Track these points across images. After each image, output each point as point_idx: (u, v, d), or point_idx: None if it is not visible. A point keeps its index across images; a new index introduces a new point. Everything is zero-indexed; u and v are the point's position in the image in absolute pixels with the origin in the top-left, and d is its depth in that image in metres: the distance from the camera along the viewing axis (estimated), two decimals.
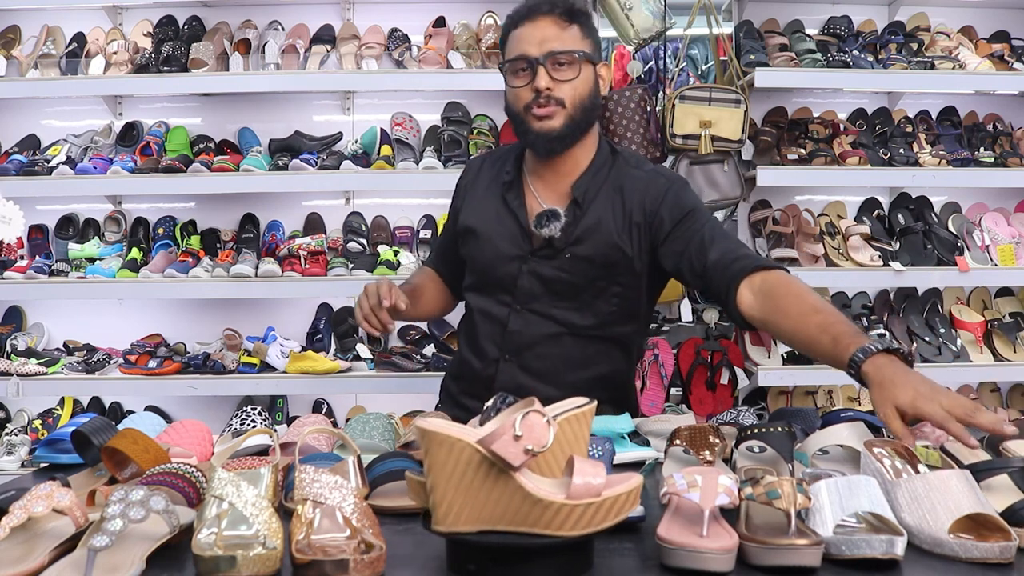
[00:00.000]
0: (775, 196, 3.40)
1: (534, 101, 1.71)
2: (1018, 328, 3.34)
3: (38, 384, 3.06)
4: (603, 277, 1.78)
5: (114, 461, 1.42)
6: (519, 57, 1.71)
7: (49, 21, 3.36)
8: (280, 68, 3.14)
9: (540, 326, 1.79)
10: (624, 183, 1.79)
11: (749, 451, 1.42)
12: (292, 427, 1.74)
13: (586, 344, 1.81)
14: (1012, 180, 3.29)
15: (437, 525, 1.03)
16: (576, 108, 1.72)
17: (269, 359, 3.07)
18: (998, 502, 1.19)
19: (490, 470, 1.01)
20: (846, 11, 3.46)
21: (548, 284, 1.78)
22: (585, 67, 1.73)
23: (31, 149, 3.29)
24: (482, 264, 1.85)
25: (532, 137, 1.75)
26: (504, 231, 1.81)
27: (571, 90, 1.71)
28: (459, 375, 1.94)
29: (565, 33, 1.72)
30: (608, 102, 3.17)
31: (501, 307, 1.82)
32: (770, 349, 3.20)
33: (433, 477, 1.03)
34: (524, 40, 1.72)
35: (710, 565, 1.03)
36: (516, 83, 1.73)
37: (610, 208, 1.78)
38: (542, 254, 1.78)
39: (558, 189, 1.81)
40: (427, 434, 1.03)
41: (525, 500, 1.01)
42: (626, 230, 1.77)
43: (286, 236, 3.31)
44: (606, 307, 1.80)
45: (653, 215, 1.76)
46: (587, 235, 1.76)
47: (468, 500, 1.02)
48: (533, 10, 1.73)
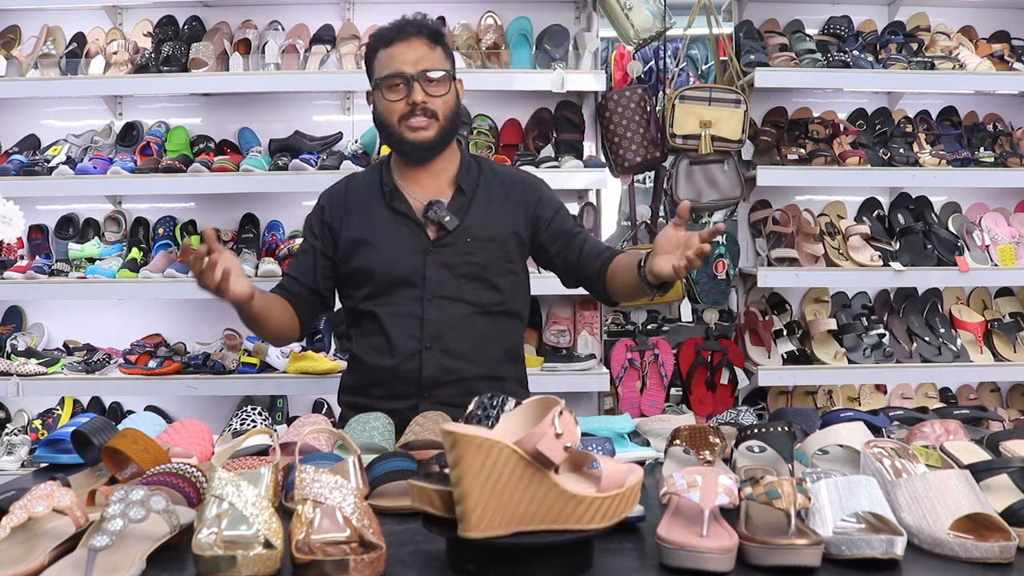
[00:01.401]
0: (775, 196, 3.40)
1: (410, 114, 1.90)
2: (1018, 328, 3.34)
3: (38, 384, 3.06)
4: (502, 256, 1.98)
5: (114, 461, 1.42)
6: (396, 74, 1.89)
7: (49, 21, 3.36)
8: (280, 68, 3.14)
9: (454, 310, 1.94)
10: (500, 178, 2.04)
11: (749, 451, 1.42)
12: (292, 427, 1.74)
13: (494, 320, 1.98)
14: (1012, 180, 3.29)
15: (470, 531, 1.00)
16: (447, 119, 1.94)
17: (269, 359, 3.07)
18: (998, 502, 1.19)
19: (525, 471, 1.02)
20: (846, 11, 3.46)
21: (454, 269, 1.95)
22: (451, 83, 1.95)
23: (31, 149, 3.29)
24: (382, 268, 1.96)
25: (408, 147, 1.94)
26: (398, 232, 1.96)
27: (443, 104, 1.92)
28: (368, 382, 1.98)
29: (434, 53, 1.92)
30: (608, 102, 3.18)
31: (412, 302, 1.94)
32: (770, 349, 3.21)
33: (467, 483, 1.00)
34: (397, 58, 1.90)
35: (710, 565, 1.03)
36: (392, 97, 1.91)
37: (494, 195, 2.01)
38: (442, 243, 1.95)
39: (434, 187, 1.99)
40: (462, 439, 1.00)
41: (559, 497, 1.03)
42: (513, 214, 2.00)
43: (286, 236, 3.30)
44: (506, 283, 1.99)
45: (535, 206, 2.02)
46: (480, 219, 1.97)
47: (503, 503, 1.01)
48: (403, 32, 1.92)
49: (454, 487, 1.01)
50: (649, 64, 3.42)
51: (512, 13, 3.33)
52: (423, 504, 1.07)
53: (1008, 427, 1.76)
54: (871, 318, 3.32)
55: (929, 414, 1.84)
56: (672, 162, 3.26)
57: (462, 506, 1.00)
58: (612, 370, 3.08)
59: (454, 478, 1.01)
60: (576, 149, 3.18)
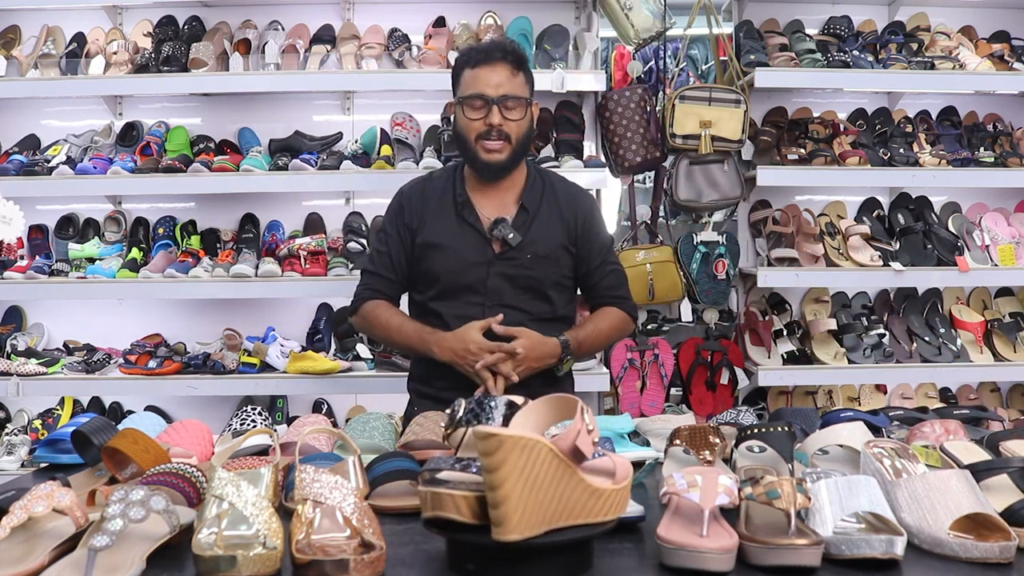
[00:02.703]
0: (775, 196, 3.40)
1: (486, 135, 2.03)
2: (1018, 328, 3.34)
3: (38, 384, 3.06)
4: (556, 271, 2.13)
5: (114, 461, 1.42)
6: (478, 95, 2.03)
7: (49, 21, 3.36)
8: (280, 68, 3.14)
9: (511, 317, 2.05)
10: (557, 194, 2.17)
11: (749, 451, 1.42)
12: (292, 427, 1.75)
13: (544, 325, 2.09)
14: (1012, 180, 3.29)
15: (510, 534, 0.98)
16: (519, 143, 2.07)
17: (269, 359, 3.07)
18: (998, 502, 1.19)
19: (558, 468, 1.02)
20: (846, 11, 3.46)
21: (514, 281, 2.10)
22: (527, 109, 2.08)
23: (31, 149, 3.29)
24: (449, 273, 2.10)
25: (480, 165, 2.07)
26: (466, 242, 2.10)
27: (517, 128, 2.05)
28: (436, 376, 2.10)
29: (515, 80, 2.06)
30: (608, 102, 3.18)
31: (474, 307, 2.08)
32: (770, 349, 3.21)
33: (510, 485, 0.98)
34: (482, 80, 2.03)
35: (710, 565, 1.03)
36: (472, 116, 2.04)
37: (553, 215, 2.14)
38: (505, 257, 2.09)
39: (502, 202, 2.13)
40: (508, 441, 0.98)
41: (584, 492, 1.04)
42: (568, 232, 2.14)
43: (286, 236, 3.30)
44: (558, 296, 2.15)
45: (582, 224, 2.16)
46: (540, 237, 2.11)
47: (538, 502, 1.01)
48: (490, 56, 2.05)
49: (491, 490, 0.98)
50: (649, 64, 3.42)
51: (512, 13, 3.33)
52: (450, 512, 1.03)
53: (1008, 427, 1.77)
54: (871, 318, 3.32)
55: (929, 414, 1.84)
56: (672, 162, 3.26)
57: (502, 509, 0.98)
58: (612, 370, 3.08)
59: (494, 481, 0.98)
60: (576, 149, 3.17)
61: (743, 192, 3.19)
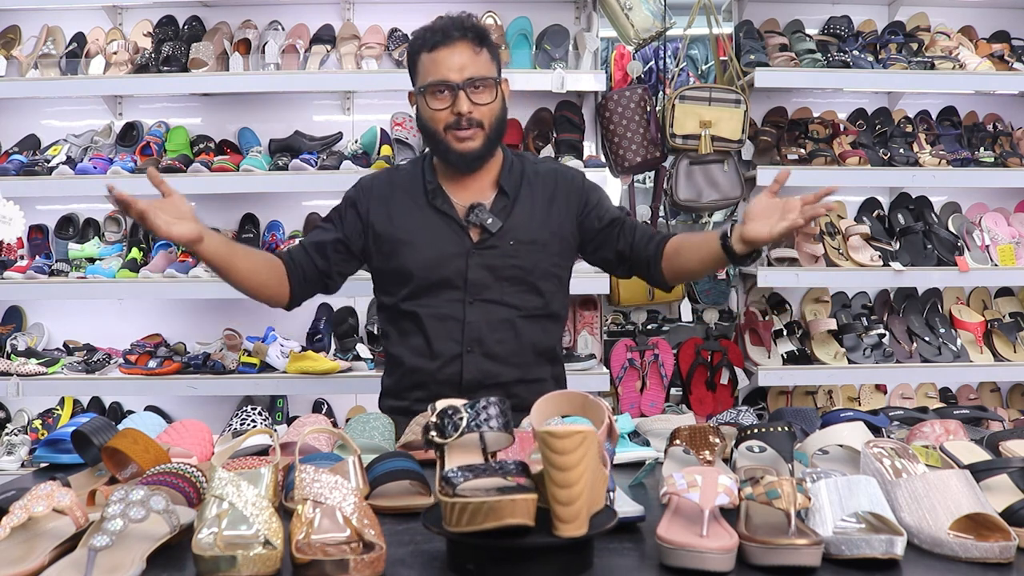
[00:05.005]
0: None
1: (456, 124, 1.84)
2: (1018, 328, 3.34)
3: (38, 384, 3.06)
4: (544, 259, 1.94)
5: (114, 461, 1.42)
6: (440, 82, 1.83)
7: (49, 21, 3.36)
8: (280, 68, 3.14)
9: (495, 313, 1.91)
10: (541, 177, 1.99)
11: (749, 451, 1.42)
12: (292, 427, 1.75)
13: (534, 323, 1.95)
14: (1012, 180, 3.29)
15: (578, 531, 0.99)
16: (492, 128, 1.87)
17: (269, 359, 3.07)
18: (998, 502, 1.19)
19: (599, 460, 1.06)
20: (846, 11, 3.46)
21: (497, 272, 1.91)
22: (497, 88, 1.88)
23: (31, 149, 3.29)
24: (423, 268, 1.91)
25: (453, 156, 1.88)
26: (440, 233, 1.92)
27: (489, 112, 1.86)
28: (408, 386, 1.95)
29: (479, 58, 1.85)
30: (608, 102, 3.18)
31: (453, 304, 1.91)
32: (770, 349, 3.21)
33: (585, 480, 0.98)
34: (443, 65, 1.83)
35: (710, 565, 1.03)
36: (436, 105, 1.84)
37: (536, 196, 1.96)
38: (485, 245, 1.91)
39: (477, 188, 1.94)
40: (588, 436, 0.98)
41: (601, 477, 1.08)
42: (557, 214, 1.95)
43: (286, 236, 3.30)
44: (548, 287, 1.96)
45: (581, 199, 1.98)
46: (523, 222, 1.92)
47: (590, 495, 1.02)
48: (448, 35, 1.83)
49: (565, 488, 0.97)
50: (649, 64, 3.43)
51: (512, 13, 3.33)
52: (520, 518, 0.98)
53: (1008, 427, 1.76)
54: (871, 318, 3.33)
55: (929, 414, 1.84)
56: (672, 162, 3.26)
57: (576, 506, 0.98)
58: (612, 370, 3.08)
59: (570, 479, 0.97)
60: (576, 149, 3.18)
61: (743, 192, 3.19)
